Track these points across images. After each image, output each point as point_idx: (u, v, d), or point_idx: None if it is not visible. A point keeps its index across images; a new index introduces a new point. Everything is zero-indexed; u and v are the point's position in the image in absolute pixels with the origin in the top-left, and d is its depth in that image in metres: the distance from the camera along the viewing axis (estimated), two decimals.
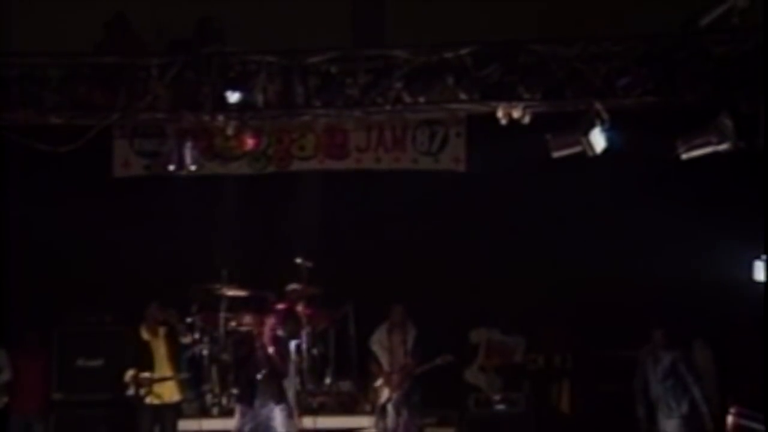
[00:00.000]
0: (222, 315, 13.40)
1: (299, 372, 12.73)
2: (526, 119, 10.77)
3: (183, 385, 13.01)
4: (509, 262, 14.21)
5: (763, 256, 11.87)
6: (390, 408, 12.99)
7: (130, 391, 12.59)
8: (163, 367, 12.83)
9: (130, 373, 12.60)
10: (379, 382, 13.15)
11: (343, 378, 13.83)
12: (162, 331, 12.97)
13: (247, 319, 13.20)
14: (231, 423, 12.42)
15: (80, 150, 10.96)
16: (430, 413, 13.48)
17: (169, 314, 13.10)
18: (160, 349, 12.88)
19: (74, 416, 13.31)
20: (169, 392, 12.84)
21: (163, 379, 12.74)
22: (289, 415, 12.14)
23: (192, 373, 13.34)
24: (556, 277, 14.04)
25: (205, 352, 13.47)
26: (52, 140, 10.99)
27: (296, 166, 14.70)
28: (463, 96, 10.80)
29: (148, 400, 12.65)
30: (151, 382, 12.65)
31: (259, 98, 10.89)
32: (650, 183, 13.58)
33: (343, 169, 14.63)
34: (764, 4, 10.30)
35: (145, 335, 12.88)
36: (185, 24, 11.18)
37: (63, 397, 13.43)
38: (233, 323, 13.42)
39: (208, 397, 13.37)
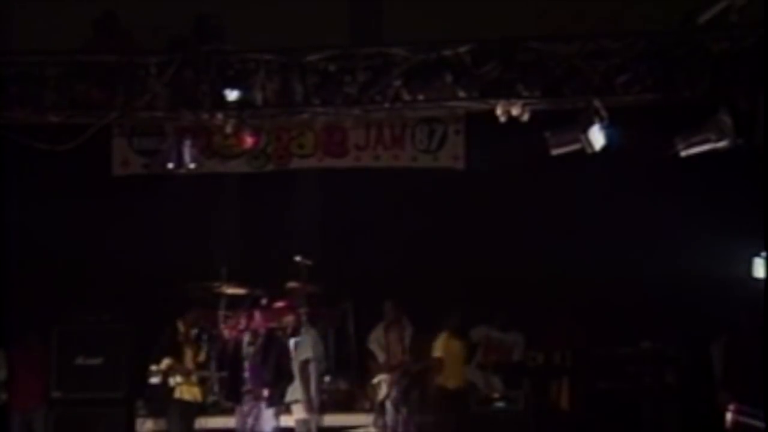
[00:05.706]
0: (221, 313, 13.39)
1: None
2: (525, 117, 10.74)
3: (205, 385, 12.97)
4: (509, 260, 14.20)
5: (763, 253, 11.87)
6: (389, 405, 12.98)
7: (155, 380, 12.56)
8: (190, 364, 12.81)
9: (166, 362, 12.57)
10: (376, 379, 13.15)
11: (342, 376, 13.83)
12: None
13: (239, 316, 13.21)
14: (231, 422, 12.43)
15: (79, 149, 10.94)
16: (429, 411, 13.47)
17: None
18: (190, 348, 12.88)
19: (73, 414, 13.29)
20: (197, 391, 12.79)
21: (189, 373, 12.68)
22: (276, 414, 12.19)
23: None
24: (555, 275, 14.04)
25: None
26: (50, 139, 10.96)
27: (295, 164, 14.72)
28: (461, 93, 10.77)
29: (177, 394, 12.63)
30: (188, 373, 12.60)
31: (258, 96, 10.87)
32: (649, 180, 13.57)
33: (342, 167, 14.65)
34: (763, 1, 10.30)
35: (182, 329, 12.87)
36: (184, 22, 11.16)
37: (62, 395, 13.41)
38: (232, 321, 13.41)
39: (208, 395, 13.37)
